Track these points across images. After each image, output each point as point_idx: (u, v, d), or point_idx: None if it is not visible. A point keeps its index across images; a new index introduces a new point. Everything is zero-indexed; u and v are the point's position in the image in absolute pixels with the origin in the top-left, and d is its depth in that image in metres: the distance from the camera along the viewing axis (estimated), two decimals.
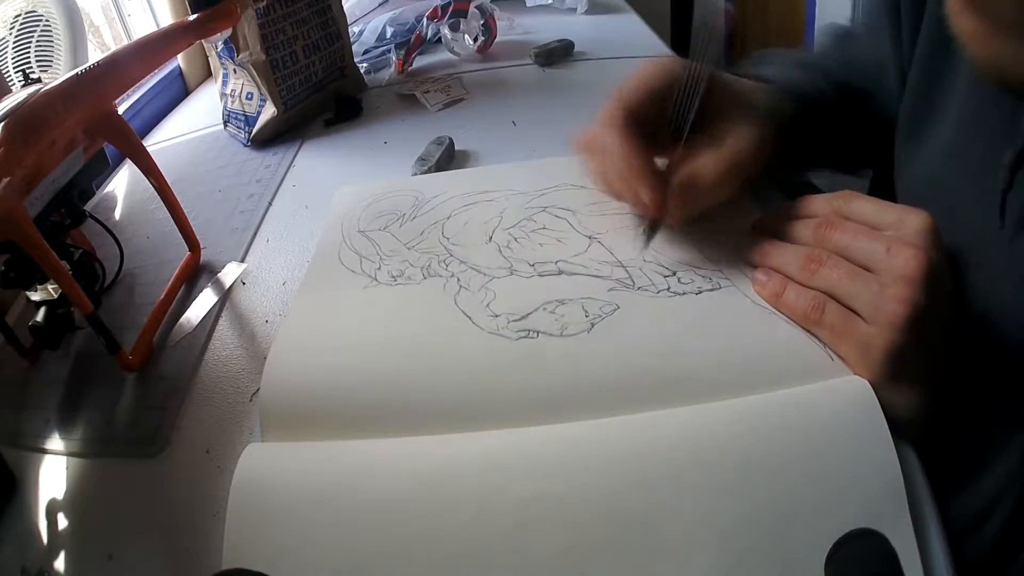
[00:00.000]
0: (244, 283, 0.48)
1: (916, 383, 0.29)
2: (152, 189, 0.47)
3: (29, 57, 0.64)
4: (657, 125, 0.37)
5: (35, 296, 0.42)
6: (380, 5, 0.98)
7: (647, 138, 0.37)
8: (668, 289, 0.36)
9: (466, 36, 0.79)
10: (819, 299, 0.31)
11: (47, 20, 0.64)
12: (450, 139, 0.57)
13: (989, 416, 0.30)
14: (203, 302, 0.46)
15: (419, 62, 0.79)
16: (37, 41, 0.64)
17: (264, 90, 0.65)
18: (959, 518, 0.28)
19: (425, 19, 0.81)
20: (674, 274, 0.37)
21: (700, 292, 0.36)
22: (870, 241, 0.30)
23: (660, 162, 0.38)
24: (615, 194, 0.41)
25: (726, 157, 0.36)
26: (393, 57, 0.78)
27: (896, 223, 0.30)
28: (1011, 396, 0.30)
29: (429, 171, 0.54)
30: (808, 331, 0.32)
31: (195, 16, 0.48)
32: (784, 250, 0.34)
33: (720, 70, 0.38)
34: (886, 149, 0.44)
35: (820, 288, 0.32)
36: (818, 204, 0.35)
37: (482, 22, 0.79)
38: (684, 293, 0.36)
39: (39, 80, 0.44)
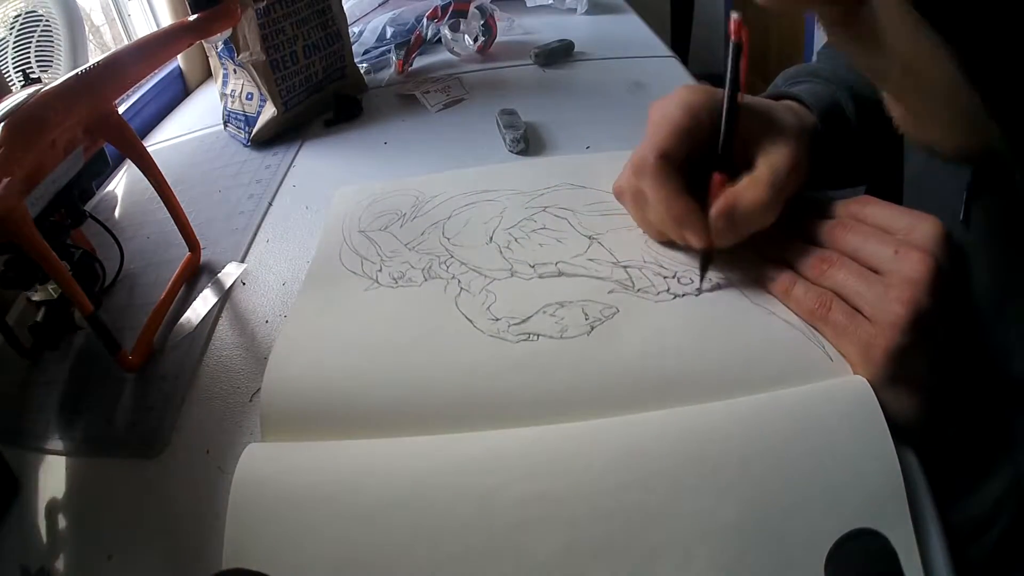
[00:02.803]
0: (244, 283, 0.48)
1: (916, 385, 0.29)
2: (152, 189, 0.47)
3: (29, 57, 0.64)
4: (695, 160, 0.36)
5: (35, 296, 0.42)
6: (380, 5, 0.98)
7: (686, 176, 0.36)
8: (668, 290, 0.36)
9: (466, 36, 0.79)
10: (826, 296, 0.32)
11: (47, 20, 0.64)
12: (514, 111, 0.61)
13: (990, 423, 0.30)
14: (203, 302, 0.46)
15: (419, 62, 0.79)
16: (37, 41, 0.64)
17: (264, 90, 0.65)
18: (961, 525, 0.28)
19: (425, 19, 0.81)
20: (674, 275, 0.37)
21: (700, 293, 0.36)
22: (880, 244, 0.31)
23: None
24: (664, 239, 0.39)
25: (764, 181, 0.34)
26: (393, 57, 0.78)
27: (907, 228, 0.31)
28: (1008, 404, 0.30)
29: (523, 137, 0.57)
30: (812, 328, 0.33)
31: (195, 16, 0.48)
32: (797, 248, 0.35)
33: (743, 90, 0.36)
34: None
35: (828, 287, 0.32)
36: (833, 207, 0.36)
37: (482, 22, 0.79)
38: (684, 294, 0.36)
39: (39, 80, 0.44)
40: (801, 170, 0.35)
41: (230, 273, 0.49)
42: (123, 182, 0.65)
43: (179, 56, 0.84)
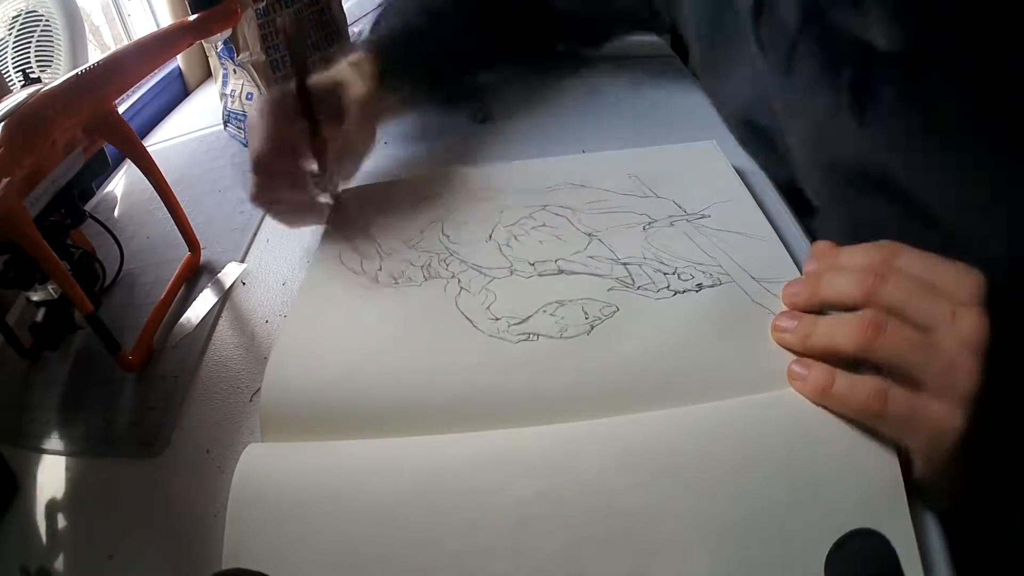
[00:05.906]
0: (244, 283, 0.48)
1: (969, 466, 0.26)
2: (152, 189, 0.47)
3: (29, 57, 0.64)
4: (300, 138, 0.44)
5: (35, 296, 0.42)
6: (380, 5, 0.97)
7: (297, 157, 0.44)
8: (668, 287, 0.36)
9: None
10: (878, 386, 0.26)
11: (47, 20, 0.64)
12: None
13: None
14: (203, 302, 0.46)
15: None
16: (37, 41, 0.64)
17: (264, 90, 0.65)
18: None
19: None
20: (674, 271, 0.37)
21: (700, 289, 0.36)
22: (931, 300, 0.26)
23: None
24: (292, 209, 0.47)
25: (350, 120, 0.46)
26: None
27: (953, 280, 0.26)
28: None
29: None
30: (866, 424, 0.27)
31: (195, 16, 0.48)
32: (831, 325, 0.29)
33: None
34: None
35: (883, 360, 0.26)
36: (859, 255, 0.30)
37: None
38: (684, 291, 0.36)
39: (39, 80, 0.44)
40: (373, 100, 0.48)
41: (230, 273, 0.49)
42: (123, 182, 0.65)
43: (179, 56, 0.84)
